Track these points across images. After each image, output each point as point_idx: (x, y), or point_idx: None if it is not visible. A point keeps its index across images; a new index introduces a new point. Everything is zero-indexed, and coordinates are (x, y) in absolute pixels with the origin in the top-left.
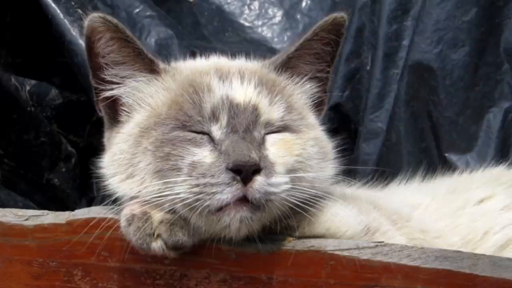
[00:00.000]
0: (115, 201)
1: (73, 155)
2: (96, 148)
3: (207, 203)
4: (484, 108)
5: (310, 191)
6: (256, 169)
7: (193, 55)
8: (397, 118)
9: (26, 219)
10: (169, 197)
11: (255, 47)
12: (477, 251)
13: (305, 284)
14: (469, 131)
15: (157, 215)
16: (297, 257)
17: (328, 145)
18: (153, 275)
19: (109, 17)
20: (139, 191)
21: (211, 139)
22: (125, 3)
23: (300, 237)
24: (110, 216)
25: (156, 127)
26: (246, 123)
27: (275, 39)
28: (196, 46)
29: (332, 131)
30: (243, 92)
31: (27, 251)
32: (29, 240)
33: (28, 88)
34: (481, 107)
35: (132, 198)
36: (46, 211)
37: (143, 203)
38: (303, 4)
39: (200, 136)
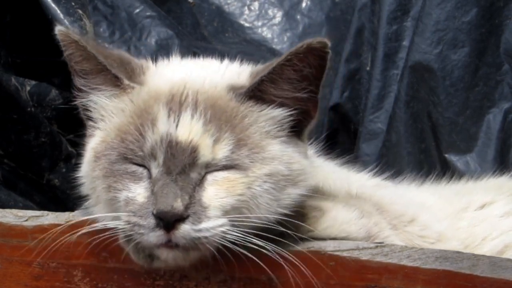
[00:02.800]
0: None
1: (73, 155)
2: None
3: (139, 239)
4: (484, 109)
5: (260, 224)
6: (178, 219)
7: (194, 56)
8: (397, 118)
9: (26, 220)
10: (113, 228)
11: (255, 47)
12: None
13: (305, 284)
14: (469, 132)
15: None
16: (297, 258)
17: (295, 168)
18: (153, 275)
19: (71, 34)
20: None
21: (150, 175)
22: (125, 4)
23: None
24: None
25: (104, 154)
26: (182, 165)
27: (275, 40)
28: (197, 47)
29: (332, 132)
30: (187, 131)
31: (27, 252)
32: (29, 241)
33: (28, 88)
34: (481, 107)
35: None
36: (46, 212)
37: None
38: (303, 4)
39: (141, 169)
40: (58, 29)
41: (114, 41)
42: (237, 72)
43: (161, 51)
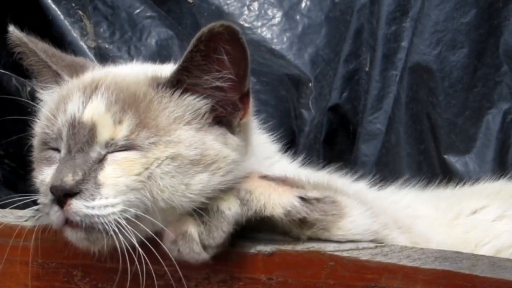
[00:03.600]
0: None
1: None
2: None
3: (48, 221)
4: (483, 110)
5: (165, 209)
6: (68, 193)
7: None
8: (396, 119)
9: (26, 220)
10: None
11: (254, 48)
12: None
13: (304, 284)
14: (468, 133)
15: (192, 230)
16: (296, 258)
17: (208, 154)
18: (153, 276)
19: (16, 34)
20: None
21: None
22: (125, 4)
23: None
24: None
25: (34, 145)
26: (81, 143)
27: (275, 40)
28: None
29: (331, 132)
30: (91, 111)
31: (27, 252)
32: (29, 241)
33: (28, 89)
34: (480, 108)
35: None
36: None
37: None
38: (303, 5)
39: (56, 153)
40: (10, 29)
41: (114, 41)
42: (169, 67)
43: (161, 51)
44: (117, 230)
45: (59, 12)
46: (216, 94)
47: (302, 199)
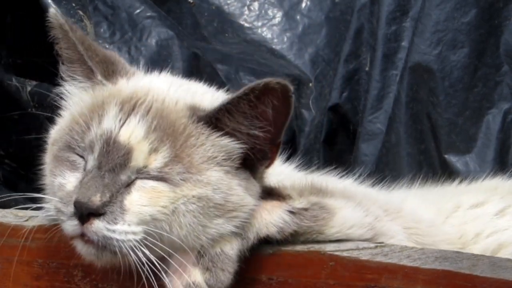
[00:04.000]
0: None
1: None
2: None
3: (62, 227)
4: (484, 110)
5: (178, 245)
6: (93, 213)
7: (194, 56)
8: (397, 119)
9: (27, 220)
10: (47, 212)
11: (255, 48)
12: (469, 251)
13: (304, 284)
14: (468, 133)
15: (199, 279)
16: (297, 258)
17: (232, 200)
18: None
19: (59, 16)
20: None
21: (86, 167)
22: (125, 4)
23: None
24: None
25: (56, 140)
26: (113, 163)
27: (275, 40)
28: (197, 47)
29: (331, 132)
30: (129, 133)
31: (27, 252)
32: (29, 241)
33: (29, 89)
34: (480, 108)
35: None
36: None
37: None
38: (303, 5)
39: (81, 160)
40: (50, 10)
41: (115, 41)
42: (211, 98)
43: (162, 51)
44: (128, 254)
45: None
46: (252, 141)
47: (291, 212)
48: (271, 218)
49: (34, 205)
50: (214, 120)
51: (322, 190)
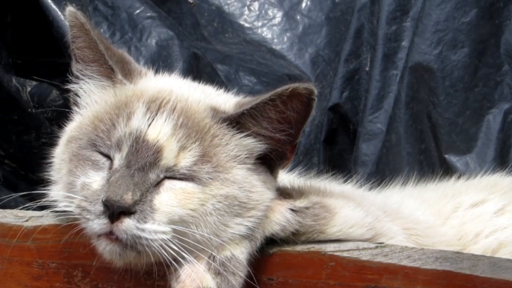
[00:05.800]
0: None
1: None
2: None
3: (84, 226)
4: (484, 109)
5: (197, 246)
6: (124, 211)
7: (194, 56)
8: (397, 119)
9: (27, 220)
10: (69, 211)
11: (255, 48)
12: (469, 251)
13: (305, 285)
14: (468, 132)
15: (210, 284)
16: (297, 258)
17: (254, 198)
18: (153, 276)
19: (78, 15)
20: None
21: (112, 166)
22: (125, 4)
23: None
24: None
25: (76, 138)
26: (143, 162)
27: (275, 40)
28: (197, 47)
29: (331, 132)
30: (157, 131)
31: (27, 252)
32: (29, 241)
33: (29, 89)
34: (480, 108)
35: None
36: (46, 212)
37: None
38: (303, 5)
39: (105, 159)
40: (68, 9)
41: (115, 42)
42: (225, 99)
43: (162, 51)
44: (156, 253)
45: (59, 13)
46: (272, 142)
47: (293, 211)
48: (274, 217)
49: (34, 205)
50: (238, 123)
51: (322, 191)
